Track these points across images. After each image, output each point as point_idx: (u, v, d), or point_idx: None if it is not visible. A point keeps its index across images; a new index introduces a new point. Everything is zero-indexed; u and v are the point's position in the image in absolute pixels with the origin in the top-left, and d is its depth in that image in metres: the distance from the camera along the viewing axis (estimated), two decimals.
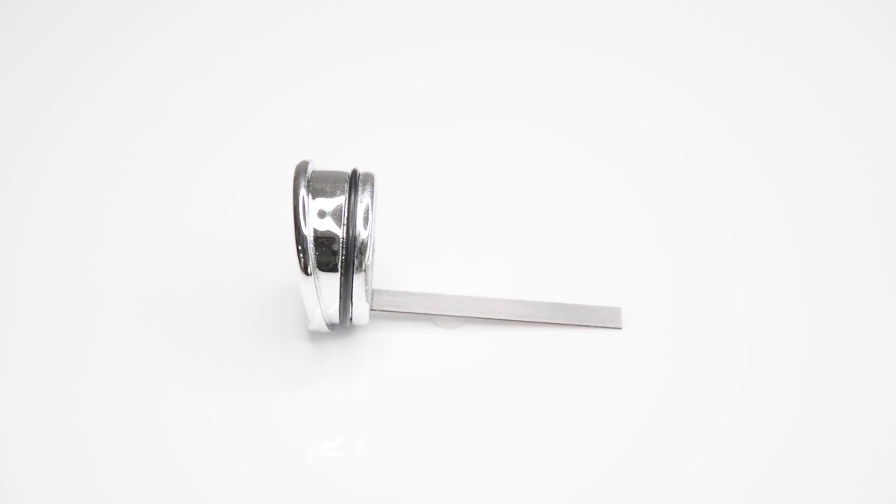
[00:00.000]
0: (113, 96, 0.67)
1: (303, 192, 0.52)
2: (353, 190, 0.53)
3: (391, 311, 0.56)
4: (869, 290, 0.59)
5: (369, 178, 0.53)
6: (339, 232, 0.52)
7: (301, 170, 0.52)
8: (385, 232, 0.58)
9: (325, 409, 0.54)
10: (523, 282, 0.59)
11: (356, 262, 0.52)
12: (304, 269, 0.51)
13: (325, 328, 0.54)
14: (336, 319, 0.54)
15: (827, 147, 0.66)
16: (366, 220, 0.52)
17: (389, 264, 0.59)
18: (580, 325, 0.57)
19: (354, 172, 0.53)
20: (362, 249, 0.52)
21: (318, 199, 0.52)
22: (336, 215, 0.52)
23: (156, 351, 0.56)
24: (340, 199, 0.52)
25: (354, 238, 0.52)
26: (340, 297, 0.53)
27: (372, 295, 0.56)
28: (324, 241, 0.52)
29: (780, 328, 0.57)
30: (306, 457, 0.53)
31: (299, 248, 0.51)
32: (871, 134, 0.66)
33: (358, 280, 0.52)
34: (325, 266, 0.52)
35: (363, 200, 0.52)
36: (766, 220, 0.62)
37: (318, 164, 0.54)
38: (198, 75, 0.69)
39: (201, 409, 0.54)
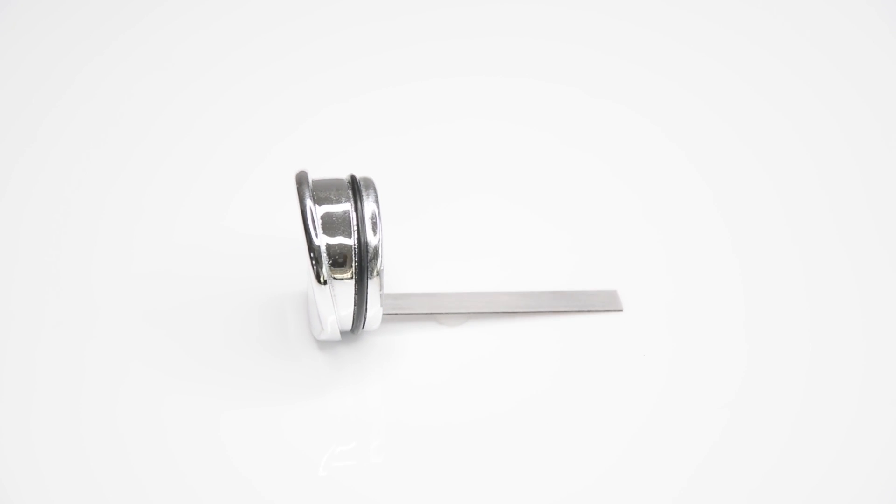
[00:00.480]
0: (109, 99, 0.66)
1: (309, 202, 0.51)
2: (356, 196, 0.52)
3: (395, 314, 0.56)
4: (864, 261, 0.60)
5: (370, 184, 0.53)
6: (350, 239, 0.52)
7: (303, 179, 0.52)
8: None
9: (338, 418, 0.54)
10: (520, 274, 0.59)
11: (370, 268, 0.52)
12: (319, 279, 0.51)
13: (338, 336, 0.54)
14: (349, 326, 0.54)
15: (815, 126, 0.67)
16: (374, 225, 0.52)
17: (386, 266, 0.58)
18: (582, 311, 0.57)
19: (353, 178, 0.53)
20: (374, 255, 0.52)
21: (324, 207, 0.52)
22: (345, 223, 0.52)
23: (161, 364, 0.55)
24: (346, 206, 0.52)
25: (366, 244, 0.52)
26: (354, 304, 0.53)
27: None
28: (336, 250, 0.51)
29: (780, 298, 0.58)
30: (319, 467, 0.52)
31: (312, 257, 0.51)
32: (867, 124, 0.67)
33: (373, 286, 0.52)
34: (340, 274, 0.52)
35: (369, 206, 0.52)
36: (757, 197, 0.63)
37: (312, 172, 0.54)
38: (187, 83, 0.68)
39: (211, 423, 0.53)
